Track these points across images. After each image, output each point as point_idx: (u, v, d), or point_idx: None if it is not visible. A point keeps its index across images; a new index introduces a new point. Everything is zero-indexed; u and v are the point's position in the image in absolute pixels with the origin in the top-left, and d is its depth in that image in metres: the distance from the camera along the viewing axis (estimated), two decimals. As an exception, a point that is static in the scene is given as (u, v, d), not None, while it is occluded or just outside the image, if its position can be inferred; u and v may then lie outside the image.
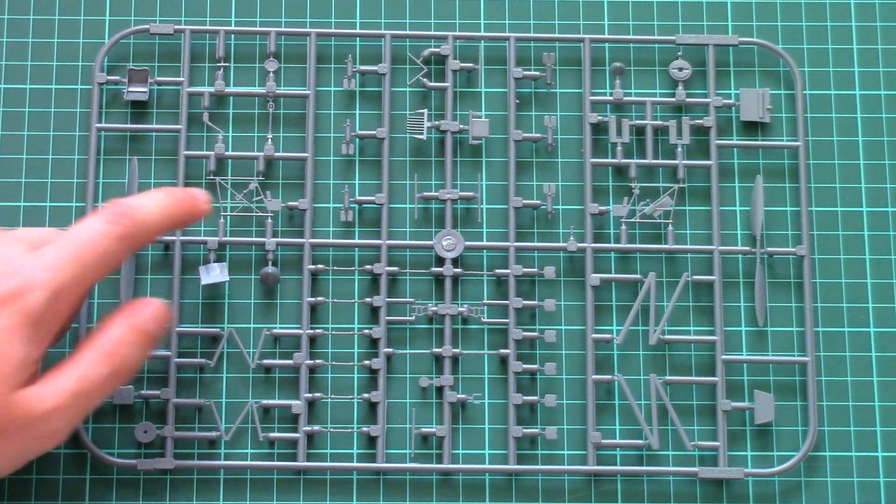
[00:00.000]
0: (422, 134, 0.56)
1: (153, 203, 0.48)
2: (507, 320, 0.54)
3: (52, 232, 0.48)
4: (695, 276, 0.54)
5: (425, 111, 0.56)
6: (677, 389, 0.54)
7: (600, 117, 0.56)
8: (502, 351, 0.54)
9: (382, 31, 0.56)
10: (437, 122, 0.55)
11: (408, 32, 0.57)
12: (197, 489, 0.52)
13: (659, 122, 0.56)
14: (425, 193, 0.55)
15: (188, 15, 0.57)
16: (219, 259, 0.54)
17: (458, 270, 0.54)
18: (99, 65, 0.55)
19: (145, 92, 0.55)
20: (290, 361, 0.53)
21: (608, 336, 0.54)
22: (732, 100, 0.56)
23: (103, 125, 0.55)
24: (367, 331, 0.54)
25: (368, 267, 0.54)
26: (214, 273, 0.54)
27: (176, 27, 0.56)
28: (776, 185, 0.56)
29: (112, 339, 0.47)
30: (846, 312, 0.55)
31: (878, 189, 0.56)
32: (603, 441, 0.53)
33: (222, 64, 0.56)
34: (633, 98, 0.56)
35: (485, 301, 0.54)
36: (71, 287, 0.45)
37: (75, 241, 0.46)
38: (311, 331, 0.53)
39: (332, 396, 0.53)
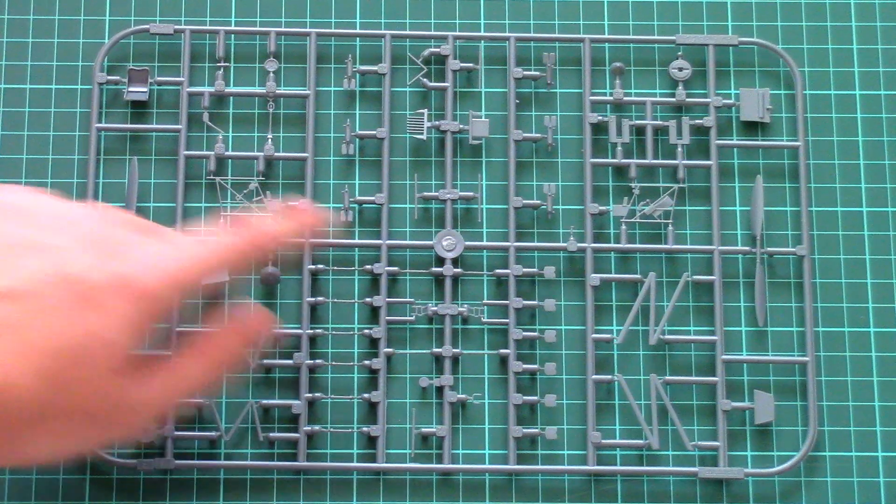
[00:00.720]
0: (422, 134, 0.56)
1: (272, 227, 0.49)
2: (507, 320, 0.54)
3: (152, 224, 0.48)
4: (695, 276, 0.54)
5: (425, 111, 0.56)
6: (677, 389, 0.54)
7: (600, 117, 0.56)
8: (502, 351, 0.54)
9: (382, 31, 0.56)
10: (437, 122, 0.55)
11: (408, 32, 0.57)
12: (197, 489, 0.52)
13: (659, 122, 0.56)
14: (425, 193, 0.55)
15: (188, 15, 0.57)
16: (219, 259, 0.54)
17: (458, 270, 0.54)
18: (99, 65, 0.55)
19: (145, 92, 0.55)
20: (290, 361, 0.53)
21: (608, 336, 0.54)
22: (732, 100, 0.56)
23: (103, 125, 0.55)
24: (367, 331, 0.53)
25: (368, 267, 0.54)
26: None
27: (176, 27, 0.56)
28: (776, 185, 0.56)
29: (214, 348, 0.47)
30: (846, 312, 0.55)
31: (878, 189, 0.56)
32: (603, 441, 0.53)
33: (222, 64, 0.56)
34: (633, 98, 0.56)
35: (485, 301, 0.54)
36: (184, 284, 0.45)
37: (199, 242, 0.47)
38: (311, 331, 0.53)
39: (332, 396, 0.53)
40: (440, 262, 0.54)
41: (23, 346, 0.41)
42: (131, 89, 0.55)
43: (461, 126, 0.55)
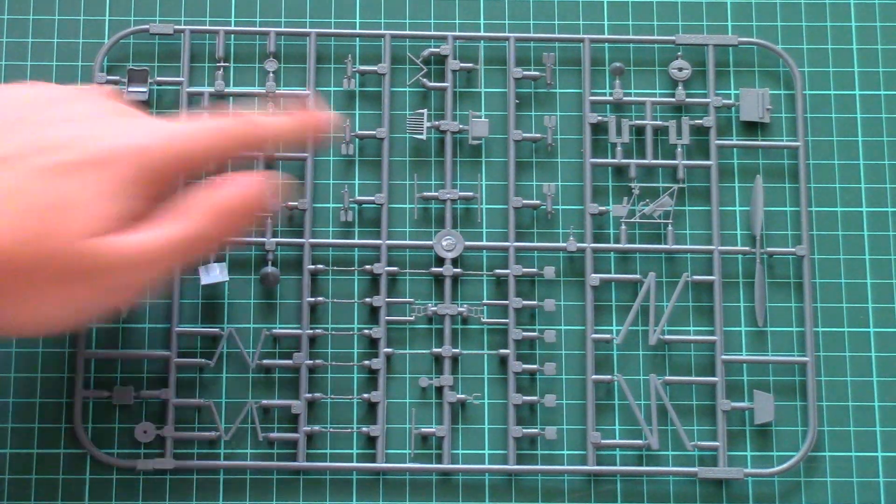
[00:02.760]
0: (422, 134, 0.56)
1: (270, 120, 0.48)
2: (506, 320, 0.54)
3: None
4: (695, 276, 0.54)
5: (425, 111, 0.56)
6: (677, 389, 0.54)
7: (600, 117, 0.56)
8: (502, 351, 0.54)
9: (382, 31, 0.56)
10: (436, 122, 0.55)
11: (408, 32, 0.57)
12: (197, 489, 0.52)
13: (659, 122, 0.56)
14: (425, 193, 0.55)
15: (188, 15, 0.57)
16: (219, 259, 0.54)
17: (458, 270, 0.54)
18: (99, 65, 0.55)
19: (145, 92, 0.55)
20: (289, 361, 0.53)
21: (608, 336, 0.54)
22: (732, 100, 0.56)
23: (103, 125, 0.55)
24: (366, 331, 0.54)
25: (368, 267, 0.54)
26: (214, 273, 0.54)
27: (176, 27, 0.56)
28: (776, 185, 0.56)
29: (214, 208, 0.46)
30: (846, 312, 0.55)
31: (878, 189, 0.56)
32: (603, 441, 0.53)
33: (222, 64, 0.56)
34: (632, 98, 0.56)
35: (485, 301, 0.54)
36: (180, 155, 0.45)
37: (188, 123, 0.46)
38: (311, 331, 0.53)
39: (332, 396, 0.53)
40: (440, 262, 0.54)
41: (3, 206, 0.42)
42: (131, 89, 0.55)
43: (461, 126, 0.55)
